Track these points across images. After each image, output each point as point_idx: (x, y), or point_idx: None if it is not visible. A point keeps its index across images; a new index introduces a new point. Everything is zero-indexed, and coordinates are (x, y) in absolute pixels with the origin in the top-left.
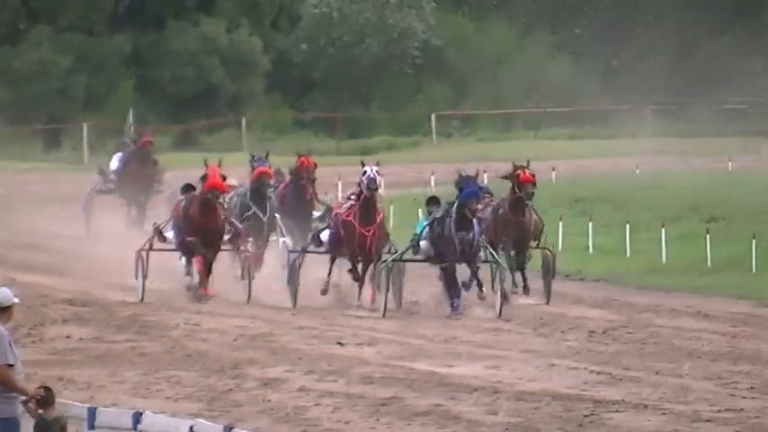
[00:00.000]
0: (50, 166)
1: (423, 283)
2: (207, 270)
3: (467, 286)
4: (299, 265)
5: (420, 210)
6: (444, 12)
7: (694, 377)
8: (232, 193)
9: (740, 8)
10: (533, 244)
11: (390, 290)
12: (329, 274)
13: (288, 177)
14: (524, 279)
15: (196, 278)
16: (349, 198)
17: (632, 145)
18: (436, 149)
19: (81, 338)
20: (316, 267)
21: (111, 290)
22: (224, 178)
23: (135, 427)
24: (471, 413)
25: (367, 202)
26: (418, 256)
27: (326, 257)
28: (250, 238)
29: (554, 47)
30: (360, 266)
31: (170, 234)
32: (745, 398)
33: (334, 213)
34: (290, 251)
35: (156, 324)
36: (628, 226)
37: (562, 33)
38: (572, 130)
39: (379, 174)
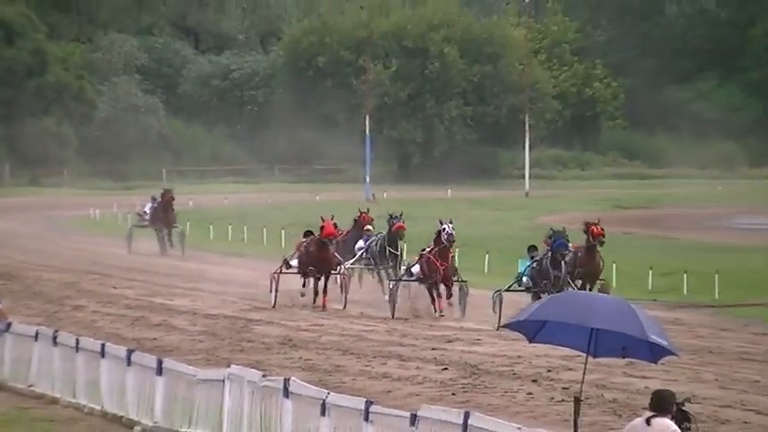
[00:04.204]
0: None
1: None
2: (324, 289)
3: None
4: (397, 288)
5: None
6: (171, 118)
7: (299, 307)
8: (373, 237)
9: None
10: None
11: (499, 310)
12: (432, 299)
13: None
14: None
15: (309, 293)
16: (432, 244)
17: (266, 187)
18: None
19: None
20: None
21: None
22: (335, 226)
23: (8, 330)
24: (183, 324)
25: (445, 247)
26: (521, 288)
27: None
28: (347, 265)
29: (224, 135)
30: (439, 288)
31: (294, 263)
32: (325, 319)
33: (420, 254)
34: (389, 280)
35: (20, 276)
36: (263, 230)
37: (229, 122)
38: (234, 179)
39: (453, 231)
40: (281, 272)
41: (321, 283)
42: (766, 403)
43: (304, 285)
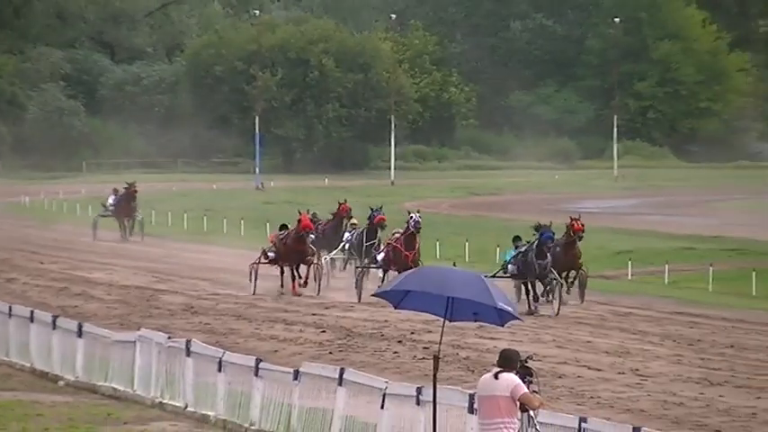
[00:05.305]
0: None
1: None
2: (297, 277)
3: (537, 297)
4: (363, 275)
5: None
6: (91, 118)
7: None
8: (354, 230)
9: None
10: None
11: None
12: (382, 281)
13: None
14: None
15: (288, 283)
16: (397, 233)
17: (170, 177)
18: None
19: None
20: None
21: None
22: (311, 220)
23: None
24: (101, 294)
25: (411, 235)
26: (506, 275)
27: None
28: (325, 256)
29: (135, 132)
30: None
31: (271, 254)
32: (221, 289)
33: (386, 242)
34: (355, 267)
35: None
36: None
37: (140, 121)
38: (143, 170)
39: (420, 218)
40: (259, 262)
41: (299, 271)
42: (596, 360)
43: (282, 274)
